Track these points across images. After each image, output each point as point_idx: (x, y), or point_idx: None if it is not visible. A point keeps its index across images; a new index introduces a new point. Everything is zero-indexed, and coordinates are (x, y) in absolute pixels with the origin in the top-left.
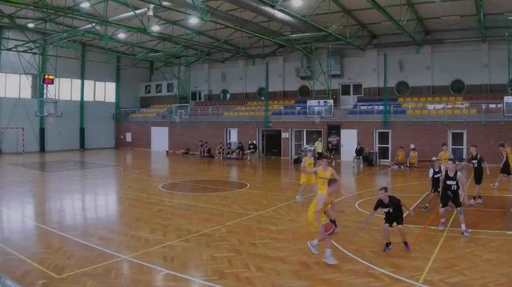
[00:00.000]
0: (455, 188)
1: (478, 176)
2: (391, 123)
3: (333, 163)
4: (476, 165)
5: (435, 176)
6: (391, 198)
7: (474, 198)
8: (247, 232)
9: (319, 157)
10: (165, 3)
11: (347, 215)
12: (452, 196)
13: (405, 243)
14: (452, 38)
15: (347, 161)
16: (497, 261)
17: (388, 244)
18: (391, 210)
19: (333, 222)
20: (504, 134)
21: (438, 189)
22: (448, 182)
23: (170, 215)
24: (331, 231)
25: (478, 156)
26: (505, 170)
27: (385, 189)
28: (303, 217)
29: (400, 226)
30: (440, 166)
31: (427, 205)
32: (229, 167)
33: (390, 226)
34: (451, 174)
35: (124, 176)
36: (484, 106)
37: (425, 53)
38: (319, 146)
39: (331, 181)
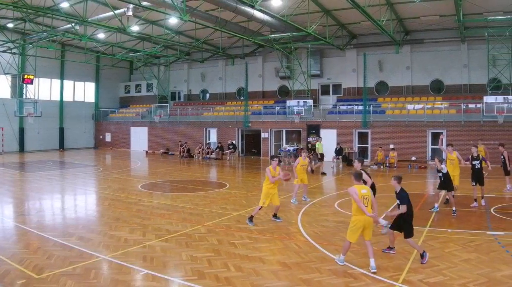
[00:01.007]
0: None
1: (481, 177)
2: (371, 123)
3: (313, 163)
4: (478, 166)
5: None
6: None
7: (475, 200)
8: (227, 232)
9: (321, 158)
10: (144, 3)
11: (327, 215)
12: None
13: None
14: (432, 38)
15: (326, 161)
16: (476, 261)
17: (390, 248)
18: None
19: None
20: (483, 134)
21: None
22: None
23: (150, 215)
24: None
25: (480, 156)
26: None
27: (397, 177)
28: (282, 217)
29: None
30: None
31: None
32: (209, 167)
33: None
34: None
35: (104, 176)
36: (463, 106)
37: (404, 53)
38: (320, 147)
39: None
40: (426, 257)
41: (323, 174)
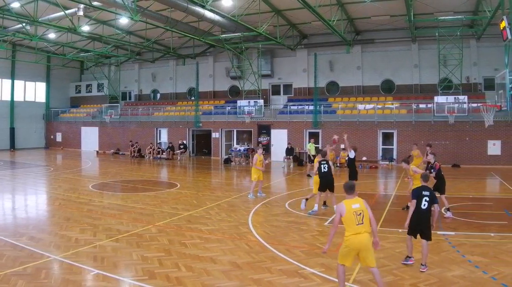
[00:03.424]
0: None
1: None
2: (322, 123)
3: (265, 161)
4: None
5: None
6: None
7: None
8: (178, 232)
9: (313, 159)
10: (95, 3)
11: (277, 215)
12: None
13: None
14: (382, 38)
15: (277, 161)
16: (427, 261)
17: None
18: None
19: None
20: (434, 134)
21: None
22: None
23: (100, 215)
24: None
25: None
26: None
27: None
28: (233, 217)
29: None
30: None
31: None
32: (159, 167)
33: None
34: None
35: (55, 176)
36: (414, 106)
37: (355, 53)
38: (312, 148)
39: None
40: (410, 261)
41: (308, 176)
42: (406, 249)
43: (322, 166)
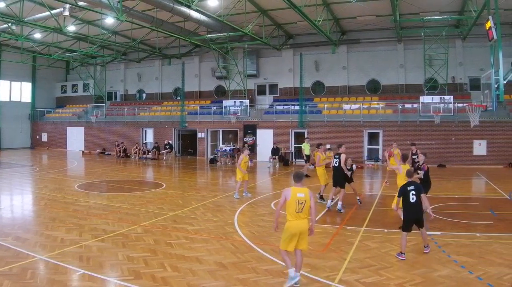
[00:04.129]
0: None
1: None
2: (307, 123)
3: (250, 163)
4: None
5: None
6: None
7: None
8: (163, 232)
9: (307, 159)
10: (81, 3)
11: (263, 215)
12: None
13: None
14: (368, 38)
15: (263, 161)
16: (413, 261)
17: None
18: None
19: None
20: (420, 134)
21: None
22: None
23: (86, 215)
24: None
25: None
26: None
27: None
28: (218, 217)
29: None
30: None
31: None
32: (145, 167)
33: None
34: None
35: (40, 176)
36: (400, 106)
37: (341, 53)
38: (306, 148)
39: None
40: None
41: (307, 176)
42: (400, 245)
43: (334, 160)
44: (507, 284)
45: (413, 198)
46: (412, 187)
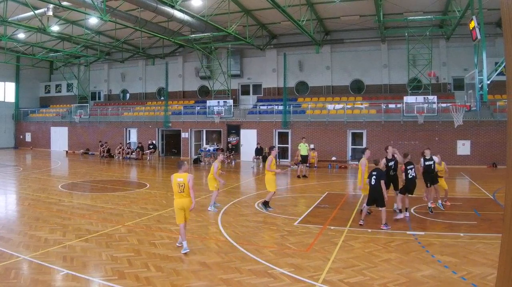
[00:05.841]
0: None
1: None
2: (291, 123)
3: (233, 163)
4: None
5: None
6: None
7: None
8: (147, 232)
9: (302, 160)
10: (64, 3)
11: (247, 215)
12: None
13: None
14: (352, 38)
15: (246, 161)
16: (397, 261)
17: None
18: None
19: None
20: (403, 134)
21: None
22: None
23: (70, 215)
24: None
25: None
26: None
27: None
28: (202, 217)
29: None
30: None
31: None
32: (129, 167)
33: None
34: None
35: (24, 176)
36: (384, 106)
37: (324, 53)
38: (303, 148)
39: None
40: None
41: (304, 177)
42: (361, 215)
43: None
44: (491, 284)
45: (373, 181)
46: (375, 173)
